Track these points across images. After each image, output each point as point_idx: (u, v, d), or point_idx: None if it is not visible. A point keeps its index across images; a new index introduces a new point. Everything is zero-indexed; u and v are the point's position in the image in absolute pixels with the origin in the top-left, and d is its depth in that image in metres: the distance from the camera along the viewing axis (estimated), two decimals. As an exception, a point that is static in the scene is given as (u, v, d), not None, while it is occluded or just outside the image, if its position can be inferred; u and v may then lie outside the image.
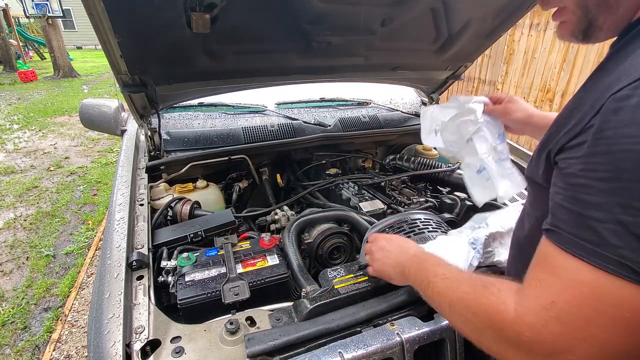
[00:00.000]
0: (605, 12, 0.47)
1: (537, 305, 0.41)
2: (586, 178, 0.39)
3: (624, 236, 0.35)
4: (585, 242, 0.38)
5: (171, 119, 1.91)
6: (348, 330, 0.85)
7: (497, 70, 5.13)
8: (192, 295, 0.95)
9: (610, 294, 0.36)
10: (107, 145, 5.64)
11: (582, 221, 0.39)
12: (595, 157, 0.39)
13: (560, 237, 0.42)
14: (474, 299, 0.50)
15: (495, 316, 0.45)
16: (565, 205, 0.42)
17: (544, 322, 0.40)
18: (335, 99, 2.30)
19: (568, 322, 0.38)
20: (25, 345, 2.20)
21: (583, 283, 0.38)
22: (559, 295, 0.40)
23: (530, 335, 0.41)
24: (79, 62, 14.33)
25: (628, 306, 0.36)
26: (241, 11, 1.16)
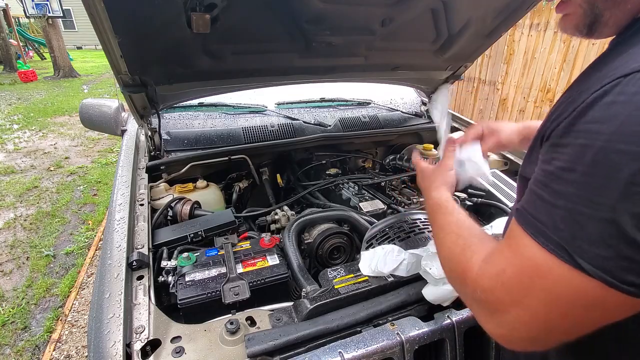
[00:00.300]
0: (612, 7, 0.46)
1: (492, 270, 0.47)
2: (552, 165, 0.42)
3: (570, 222, 0.39)
4: (539, 223, 0.42)
5: (171, 119, 1.91)
6: (348, 330, 0.85)
7: (497, 70, 5.13)
8: (192, 295, 0.95)
9: (547, 270, 0.41)
10: (107, 145, 5.64)
11: (541, 204, 0.43)
12: (561, 148, 0.41)
13: (522, 216, 0.46)
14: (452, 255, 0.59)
15: (462, 273, 0.53)
16: (532, 188, 0.45)
17: (493, 285, 0.46)
18: (335, 99, 2.30)
19: (510, 288, 0.44)
20: (25, 345, 2.20)
21: (528, 257, 0.43)
22: (509, 265, 0.45)
23: (481, 294, 0.48)
24: (79, 62, 14.33)
25: (559, 283, 0.40)
26: (241, 11, 1.16)
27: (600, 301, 0.38)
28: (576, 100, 0.42)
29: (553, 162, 0.42)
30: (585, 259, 0.37)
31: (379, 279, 0.97)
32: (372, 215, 1.37)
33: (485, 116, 5.39)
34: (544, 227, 0.41)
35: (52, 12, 9.98)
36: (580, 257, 0.38)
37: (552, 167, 0.42)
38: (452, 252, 0.59)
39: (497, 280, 0.46)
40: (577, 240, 0.38)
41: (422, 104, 2.31)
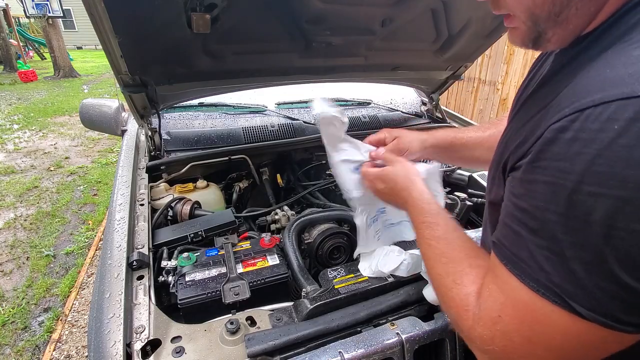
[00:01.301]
0: (555, 26, 0.46)
1: (487, 317, 0.45)
2: (524, 202, 0.41)
3: (555, 264, 0.38)
4: (522, 263, 0.41)
5: (171, 119, 1.91)
6: (348, 330, 0.85)
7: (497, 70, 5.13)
8: (193, 295, 0.95)
9: (543, 316, 0.39)
10: (107, 145, 5.64)
11: (520, 242, 0.41)
12: (531, 185, 0.40)
13: (503, 252, 0.44)
14: (444, 289, 0.54)
15: (458, 318, 0.50)
16: (507, 223, 0.44)
17: (492, 334, 0.44)
18: (335, 99, 2.30)
19: (511, 338, 0.42)
20: (25, 345, 2.20)
21: (521, 302, 0.41)
22: (504, 311, 0.43)
23: (480, 344, 0.46)
24: (79, 62, 14.33)
25: (556, 327, 0.39)
26: (241, 11, 1.16)
27: (600, 341, 0.38)
28: (534, 131, 0.41)
29: (525, 199, 0.41)
30: (579, 302, 0.37)
31: (379, 279, 0.97)
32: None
33: (485, 116, 5.40)
34: (528, 268, 0.40)
35: (52, 12, 9.98)
36: (574, 301, 0.37)
37: (525, 204, 0.41)
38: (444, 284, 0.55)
39: (494, 329, 0.44)
40: (567, 284, 0.37)
41: (422, 104, 2.31)
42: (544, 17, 0.46)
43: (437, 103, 2.17)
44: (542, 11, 0.45)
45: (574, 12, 0.44)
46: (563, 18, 0.45)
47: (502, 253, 0.44)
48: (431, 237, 0.62)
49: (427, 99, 2.22)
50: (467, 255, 0.56)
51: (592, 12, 0.44)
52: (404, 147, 0.92)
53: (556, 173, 0.37)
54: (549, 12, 0.45)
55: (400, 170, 0.79)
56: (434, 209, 0.67)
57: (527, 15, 0.48)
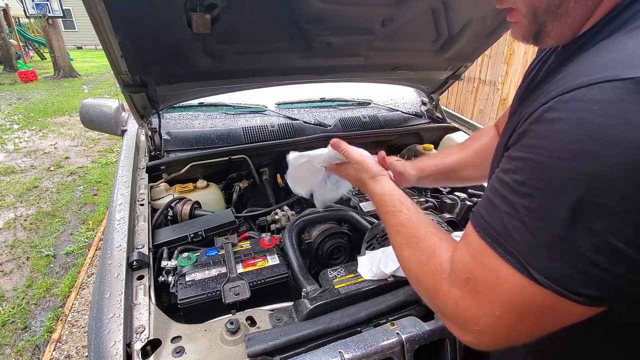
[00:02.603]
0: (554, 20, 0.48)
1: (459, 279, 0.48)
2: (507, 176, 0.44)
3: (522, 233, 0.41)
4: (493, 231, 0.44)
5: (171, 119, 1.91)
6: (348, 330, 0.85)
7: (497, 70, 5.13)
8: (193, 295, 0.95)
9: (504, 280, 0.42)
10: (107, 145, 5.64)
11: (496, 212, 0.44)
12: (515, 161, 0.43)
13: (478, 220, 0.48)
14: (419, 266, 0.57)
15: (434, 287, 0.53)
16: (488, 195, 0.47)
17: (462, 295, 0.47)
18: (335, 99, 2.30)
19: (476, 297, 0.46)
20: (25, 345, 2.20)
21: (487, 265, 0.45)
22: (473, 273, 0.47)
23: (451, 307, 0.49)
24: (79, 62, 14.33)
25: (515, 291, 0.42)
26: (241, 12, 1.16)
27: (553, 309, 0.41)
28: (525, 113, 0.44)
29: (508, 173, 0.43)
30: (537, 270, 0.39)
31: (378, 279, 0.98)
32: (372, 215, 1.37)
33: (485, 116, 5.40)
34: (498, 235, 0.43)
35: (52, 12, 9.97)
36: (533, 268, 0.39)
37: (507, 178, 0.43)
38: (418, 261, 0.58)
39: (464, 289, 0.47)
40: (530, 254, 0.40)
41: (422, 104, 2.31)
42: (544, 9, 0.48)
43: (437, 103, 2.18)
44: (542, 3, 0.47)
45: (572, 5, 0.46)
46: (562, 11, 0.47)
47: (477, 221, 0.48)
48: (397, 224, 0.66)
49: (427, 99, 2.22)
50: (434, 231, 0.60)
51: (591, 5, 0.45)
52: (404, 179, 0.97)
53: (537, 150, 0.40)
54: (548, 4, 0.47)
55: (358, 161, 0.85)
56: (395, 198, 0.72)
57: (527, 8, 0.49)
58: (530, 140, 0.41)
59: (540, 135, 0.40)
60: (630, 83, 0.34)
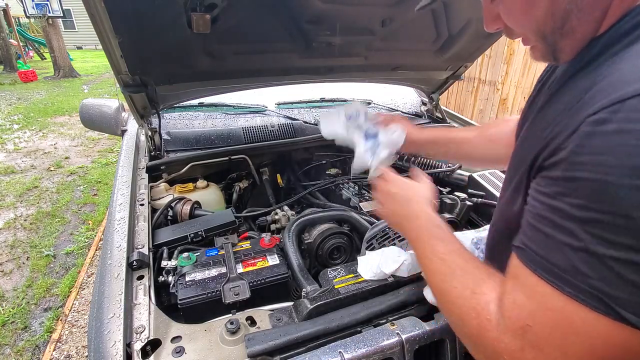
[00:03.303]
0: (562, 39, 0.48)
1: (515, 327, 0.41)
2: (560, 201, 0.38)
3: (594, 266, 0.35)
4: (555, 267, 0.38)
5: (171, 119, 1.91)
6: (348, 330, 0.85)
7: (497, 70, 5.13)
8: (193, 295, 0.95)
9: (580, 323, 0.36)
10: (107, 145, 5.64)
11: (553, 244, 0.39)
12: (569, 182, 0.38)
13: (530, 257, 0.42)
14: (461, 301, 0.51)
15: (478, 330, 0.46)
16: (537, 226, 0.41)
17: (521, 346, 0.40)
18: (335, 99, 2.30)
19: (542, 349, 0.39)
20: (25, 345, 2.20)
21: (554, 309, 0.38)
22: (533, 319, 0.40)
23: (508, 357, 0.42)
24: (79, 62, 14.33)
25: (597, 337, 0.36)
26: (242, 11, 1.16)
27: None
28: (569, 124, 0.40)
29: (562, 197, 0.38)
30: (626, 308, 0.33)
31: (378, 279, 0.98)
32: (372, 215, 1.37)
33: (485, 116, 5.40)
34: (562, 272, 0.37)
35: (52, 12, 9.97)
36: (620, 307, 0.34)
37: (561, 204, 0.38)
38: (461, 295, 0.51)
39: (524, 339, 0.40)
40: (612, 289, 0.34)
41: (422, 104, 2.31)
42: (549, 31, 0.48)
43: (437, 103, 2.18)
44: (546, 27, 0.48)
45: (576, 23, 0.46)
46: (567, 30, 0.47)
47: (529, 258, 0.41)
48: (446, 252, 0.60)
49: (427, 99, 2.22)
50: (481, 266, 0.54)
51: (597, 17, 0.45)
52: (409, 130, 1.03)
53: (598, 168, 0.35)
54: (552, 27, 0.48)
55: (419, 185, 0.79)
56: (444, 226, 0.67)
57: (534, 34, 0.51)
58: (585, 157, 0.36)
59: (598, 150, 0.35)
60: None
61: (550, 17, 0.47)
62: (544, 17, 0.47)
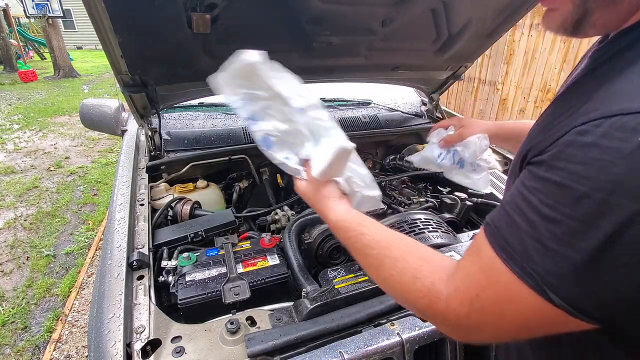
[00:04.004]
0: (605, 7, 0.43)
1: (465, 297, 0.47)
2: (534, 196, 0.42)
3: (543, 257, 0.40)
4: (511, 249, 0.43)
5: (171, 119, 1.91)
6: (348, 330, 0.85)
7: (497, 70, 5.14)
8: (193, 295, 0.95)
9: (519, 297, 0.43)
10: (107, 145, 5.64)
11: (516, 230, 0.43)
12: (544, 182, 0.41)
13: (494, 234, 0.46)
14: (406, 285, 0.55)
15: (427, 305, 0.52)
16: (508, 210, 0.45)
17: (468, 312, 0.47)
18: (335, 99, 2.30)
19: (486, 314, 0.46)
20: (25, 345, 2.20)
21: (501, 283, 0.44)
22: (484, 291, 0.46)
23: (455, 320, 0.48)
24: (79, 62, 14.33)
25: (529, 310, 0.42)
26: (242, 11, 1.16)
27: (561, 323, 0.42)
28: (558, 128, 0.42)
29: (535, 194, 0.41)
30: (556, 293, 0.39)
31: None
32: (372, 216, 1.37)
33: (485, 116, 5.40)
34: (517, 255, 0.42)
35: (52, 12, 9.97)
36: (552, 291, 0.40)
37: (532, 198, 0.42)
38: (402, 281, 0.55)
39: (471, 307, 0.47)
40: (550, 277, 0.40)
41: (422, 104, 2.31)
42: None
43: (437, 103, 2.18)
44: None
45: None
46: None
47: (494, 236, 0.46)
48: (363, 247, 0.63)
49: (427, 99, 2.22)
50: (410, 250, 0.58)
51: None
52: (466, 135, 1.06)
53: (570, 175, 0.38)
54: None
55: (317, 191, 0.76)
56: (354, 220, 0.68)
57: None
58: (562, 163, 0.39)
59: (574, 159, 0.38)
60: None
61: None
62: None
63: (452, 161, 1.13)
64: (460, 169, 1.13)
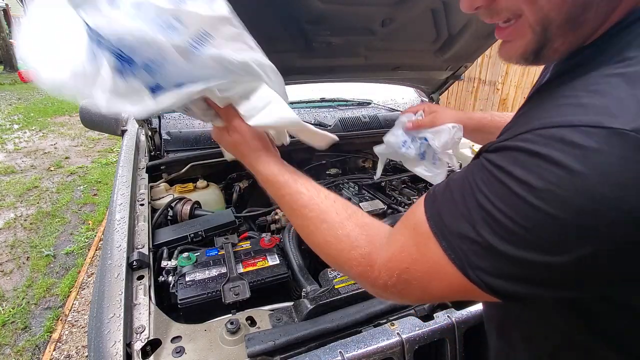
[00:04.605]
0: (568, 32, 0.42)
1: (395, 268, 0.50)
2: (477, 185, 0.44)
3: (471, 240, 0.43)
4: (444, 226, 0.46)
5: (171, 119, 1.91)
6: (348, 330, 0.85)
7: (497, 70, 5.14)
8: (193, 295, 0.95)
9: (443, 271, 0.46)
10: (107, 145, 5.64)
11: (453, 209, 0.45)
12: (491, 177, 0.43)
13: (432, 208, 0.49)
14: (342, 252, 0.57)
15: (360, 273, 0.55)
16: (451, 186, 0.48)
17: (395, 282, 0.50)
18: (335, 99, 2.30)
19: (410, 285, 0.50)
20: (25, 345, 2.20)
21: (431, 259, 0.47)
22: (414, 264, 0.49)
23: (381, 286, 0.52)
24: (79, 62, 14.31)
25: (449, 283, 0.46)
26: (241, 12, 1.16)
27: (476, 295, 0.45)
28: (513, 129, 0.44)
29: (480, 183, 0.44)
30: (474, 271, 0.43)
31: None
32: (372, 215, 1.37)
33: (485, 116, 5.40)
34: (448, 233, 0.45)
35: (52, 12, 9.97)
36: (471, 269, 0.43)
37: (475, 186, 0.44)
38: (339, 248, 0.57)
39: (399, 278, 0.50)
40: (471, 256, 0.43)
41: (422, 104, 2.31)
42: (560, 21, 0.41)
43: (437, 103, 2.18)
44: (560, 14, 0.40)
45: (592, 15, 0.40)
46: (581, 22, 0.41)
47: (431, 207, 0.49)
48: (300, 207, 0.63)
49: (427, 99, 2.22)
50: (348, 215, 0.60)
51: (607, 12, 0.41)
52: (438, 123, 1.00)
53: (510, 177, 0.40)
54: (567, 15, 0.40)
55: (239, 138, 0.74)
56: (290, 177, 0.67)
57: (538, 18, 0.42)
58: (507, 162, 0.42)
59: (517, 162, 0.40)
60: (612, 133, 0.34)
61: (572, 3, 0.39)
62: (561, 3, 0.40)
63: (418, 150, 1.04)
64: (422, 160, 1.05)
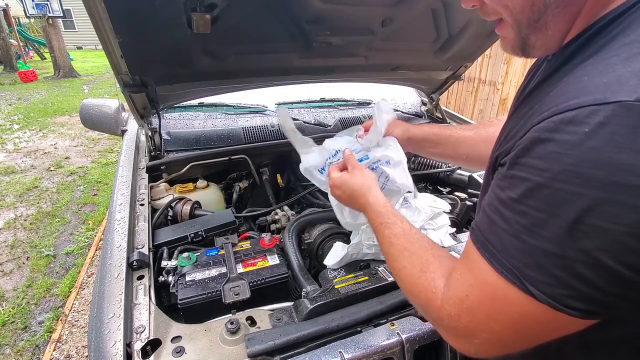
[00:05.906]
0: (536, 32, 0.49)
1: (456, 297, 0.50)
2: (504, 193, 0.45)
3: (518, 250, 0.42)
4: (492, 247, 0.46)
5: (171, 119, 1.91)
6: (348, 330, 0.85)
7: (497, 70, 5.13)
8: (193, 295, 0.95)
9: (503, 295, 0.44)
10: (107, 145, 5.64)
11: (494, 228, 0.46)
12: (511, 179, 0.44)
13: (477, 237, 0.49)
14: (413, 278, 0.59)
15: (426, 301, 0.55)
16: (487, 212, 0.48)
17: (459, 312, 0.49)
18: (335, 99, 2.30)
19: (475, 315, 0.47)
20: (25, 345, 2.20)
21: (487, 283, 0.46)
22: (471, 290, 0.48)
23: (448, 322, 0.50)
24: (79, 62, 14.32)
25: (515, 308, 0.43)
26: (242, 12, 1.16)
27: (550, 322, 0.42)
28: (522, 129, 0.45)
29: (505, 191, 0.45)
30: (535, 286, 0.41)
31: (379, 278, 0.98)
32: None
33: (485, 116, 5.39)
34: (497, 252, 0.45)
35: (52, 12, 9.97)
36: (531, 284, 0.41)
37: (504, 196, 0.45)
38: (411, 274, 0.60)
39: (461, 307, 0.48)
40: (527, 269, 0.41)
41: (422, 104, 2.31)
42: (525, 23, 0.49)
43: (437, 103, 2.18)
44: (523, 17, 0.49)
45: (551, 19, 0.47)
46: (542, 24, 0.48)
47: (477, 237, 0.49)
48: (391, 235, 0.68)
49: (427, 99, 2.22)
50: (427, 247, 0.62)
51: (568, 19, 0.47)
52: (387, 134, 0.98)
53: (531, 170, 0.41)
54: (528, 19, 0.48)
55: (358, 177, 0.84)
56: (389, 210, 0.74)
57: (512, 20, 0.50)
58: (524, 159, 0.42)
59: (534, 155, 0.41)
60: (617, 106, 0.35)
61: (529, 7, 0.47)
62: (522, 5, 0.47)
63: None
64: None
